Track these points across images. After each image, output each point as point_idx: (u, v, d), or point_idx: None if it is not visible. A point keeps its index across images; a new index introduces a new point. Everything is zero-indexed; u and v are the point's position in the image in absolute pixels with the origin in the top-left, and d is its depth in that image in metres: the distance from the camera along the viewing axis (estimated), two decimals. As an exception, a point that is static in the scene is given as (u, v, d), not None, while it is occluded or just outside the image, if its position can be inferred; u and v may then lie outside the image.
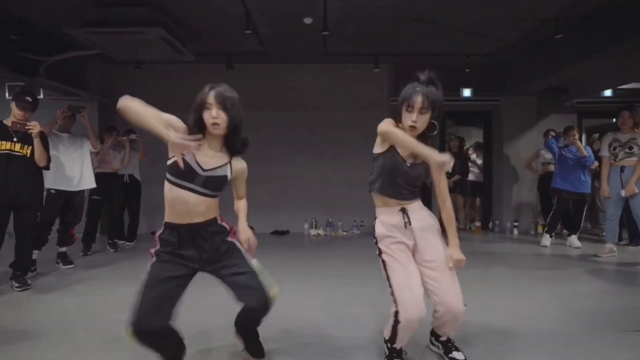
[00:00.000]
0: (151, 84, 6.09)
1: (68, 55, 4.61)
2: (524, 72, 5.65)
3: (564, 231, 5.40)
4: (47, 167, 3.45)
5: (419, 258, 1.85)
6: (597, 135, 6.45)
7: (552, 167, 5.38)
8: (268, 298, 1.70)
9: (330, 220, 6.12)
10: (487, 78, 6.19)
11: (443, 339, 2.03)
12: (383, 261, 1.84)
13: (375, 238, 1.89)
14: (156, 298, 1.61)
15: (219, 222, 1.80)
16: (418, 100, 1.73)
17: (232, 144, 1.79)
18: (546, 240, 5.01)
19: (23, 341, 2.29)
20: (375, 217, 1.93)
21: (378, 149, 1.90)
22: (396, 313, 1.74)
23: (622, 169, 4.09)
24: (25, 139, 3.25)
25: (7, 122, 3.26)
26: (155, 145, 6.48)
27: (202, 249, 1.72)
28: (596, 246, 4.84)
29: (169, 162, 1.71)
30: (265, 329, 1.93)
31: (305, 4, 4.03)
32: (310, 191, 6.22)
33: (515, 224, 6.01)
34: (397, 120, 1.84)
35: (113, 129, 4.92)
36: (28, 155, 3.28)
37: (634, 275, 3.75)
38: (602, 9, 4.05)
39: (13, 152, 3.22)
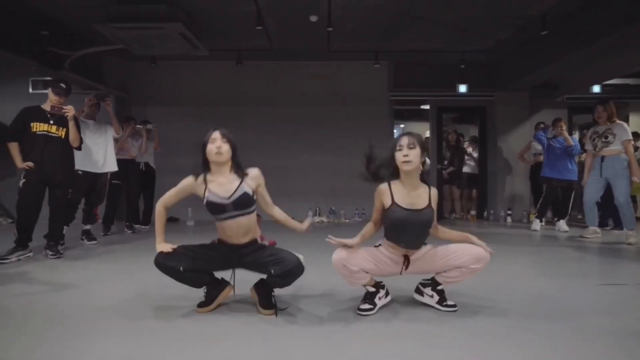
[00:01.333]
0: (164, 79, 6.49)
1: (92, 50, 4.99)
2: (516, 69, 6.00)
3: (555, 219, 5.71)
4: (79, 148, 3.81)
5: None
6: (587, 131, 6.78)
7: (542, 158, 5.70)
8: (300, 261, 2.07)
9: (332, 208, 6.46)
10: (482, 75, 6.55)
11: (440, 287, 2.20)
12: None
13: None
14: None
15: (259, 241, 2.18)
16: (404, 139, 2.04)
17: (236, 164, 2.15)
18: (536, 224, 5.33)
19: (61, 291, 2.63)
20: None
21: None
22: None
23: (602, 158, 4.41)
24: (61, 122, 3.61)
25: (45, 106, 3.62)
26: (169, 136, 6.85)
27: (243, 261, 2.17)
28: (582, 230, 5.15)
29: (204, 202, 2.11)
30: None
31: (311, 2, 4.40)
32: (314, 181, 6.57)
33: (509, 212, 6.34)
34: (393, 169, 2.10)
35: (130, 118, 5.29)
36: (63, 136, 3.63)
37: (615, 251, 4.06)
38: (586, 7, 4.40)
39: (50, 134, 3.58)
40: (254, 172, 2.16)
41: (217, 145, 2.06)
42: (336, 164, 6.54)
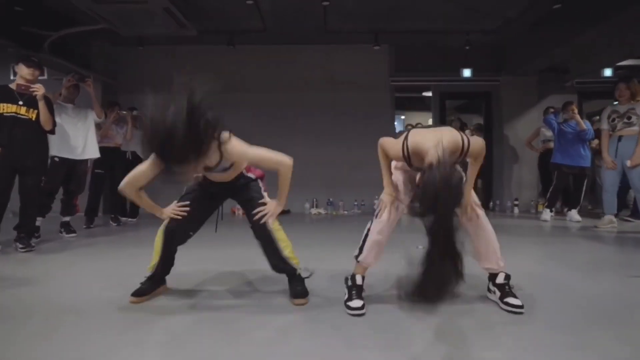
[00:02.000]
0: (154, 64, 6.15)
1: (73, 30, 4.67)
2: (524, 51, 5.68)
3: (565, 209, 5.41)
4: (52, 132, 3.49)
5: None
6: (598, 117, 6.47)
7: (552, 145, 5.40)
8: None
9: (331, 199, 6.16)
10: (487, 58, 6.22)
11: (500, 281, 1.88)
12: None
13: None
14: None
15: (245, 174, 2.07)
16: None
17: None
18: (546, 214, 5.02)
19: (23, 287, 2.33)
20: None
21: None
22: None
23: (620, 138, 4.11)
24: (31, 102, 3.29)
25: (13, 85, 3.31)
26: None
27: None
28: (597, 221, 4.85)
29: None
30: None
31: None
32: (311, 171, 6.23)
33: (516, 202, 6.03)
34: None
35: (115, 103, 4.98)
36: (34, 119, 3.32)
37: (633, 240, 3.76)
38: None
39: (19, 115, 3.26)
40: (233, 149, 1.83)
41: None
42: (334, 153, 6.23)
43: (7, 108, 3.24)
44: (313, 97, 6.25)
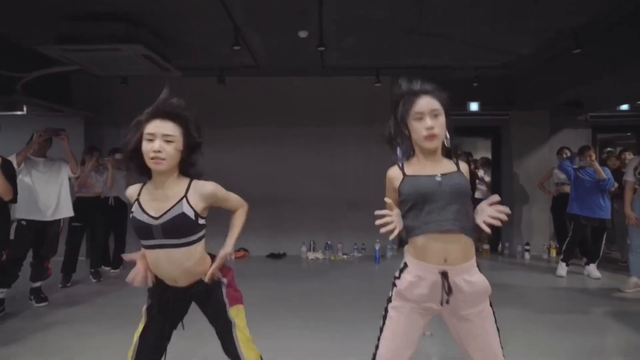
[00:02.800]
0: (138, 98, 5.72)
1: (46, 71, 4.29)
2: (537, 86, 5.28)
3: (583, 260, 5.01)
4: (13, 201, 3.12)
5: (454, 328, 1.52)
6: (613, 149, 6.09)
7: (567, 188, 5.01)
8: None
9: (329, 242, 5.77)
10: (496, 91, 5.83)
11: None
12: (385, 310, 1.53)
13: None
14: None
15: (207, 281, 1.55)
16: (422, 103, 1.45)
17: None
18: (562, 269, 4.63)
19: None
20: None
21: None
22: None
23: None
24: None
25: (-33, 152, 2.94)
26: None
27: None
28: (617, 277, 4.46)
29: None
30: None
31: (300, 17, 3.69)
32: (308, 211, 5.86)
33: (527, 247, 5.64)
34: (403, 142, 1.55)
35: (94, 149, 4.61)
36: (-11, 189, 2.95)
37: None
38: (624, 23, 3.69)
39: (-29, 186, 2.90)
40: (204, 189, 1.53)
41: (155, 148, 1.43)
42: (333, 192, 5.84)
43: (-41, 178, 2.87)
44: (310, 131, 5.86)
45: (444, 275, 1.41)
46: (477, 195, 6.22)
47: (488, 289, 1.48)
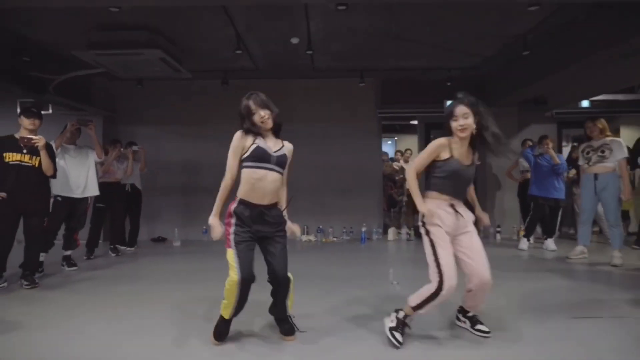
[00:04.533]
0: (152, 99, 6.49)
1: (75, 74, 5.00)
2: (503, 85, 5.97)
3: (544, 237, 5.63)
4: (53, 176, 3.79)
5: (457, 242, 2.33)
6: (577, 144, 6.73)
7: (529, 175, 5.65)
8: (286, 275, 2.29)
9: (320, 226, 6.41)
10: (470, 91, 6.45)
11: (470, 314, 2.47)
12: (431, 240, 2.26)
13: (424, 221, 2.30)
14: (249, 259, 2.23)
15: (281, 209, 2.37)
16: (458, 109, 2.27)
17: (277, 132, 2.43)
18: (523, 244, 5.26)
19: (23, 331, 2.59)
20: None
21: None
22: (440, 282, 2.15)
23: (596, 176, 4.32)
24: (34, 150, 3.59)
25: (18, 136, 3.61)
26: (156, 156, 6.85)
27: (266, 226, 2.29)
28: (571, 251, 5.08)
29: (249, 152, 2.27)
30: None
31: (291, 26, 4.39)
32: (302, 199, 6.48)
33: (498, 229, 6.27)
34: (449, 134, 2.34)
35: (117, 141, 5.28)
36: (36, 165, 3.62)
37: (599, 275, 3.99)
38: (572, 23, 4.32)
39: (23, 163, 3.57)
40: (289, 146, 2.43)
41: (261, 115, 2.28)
42: (324, 181, 6.51)
43: (13, 157, 3.55)
44: (304, 127, 6.53)
45: (452, 205, 2.30)
46: (456, 185, 6.88)
47: (472, 216, 2.39)
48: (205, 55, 5.28)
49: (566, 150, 7.17)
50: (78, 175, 4.37)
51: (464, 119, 2.24)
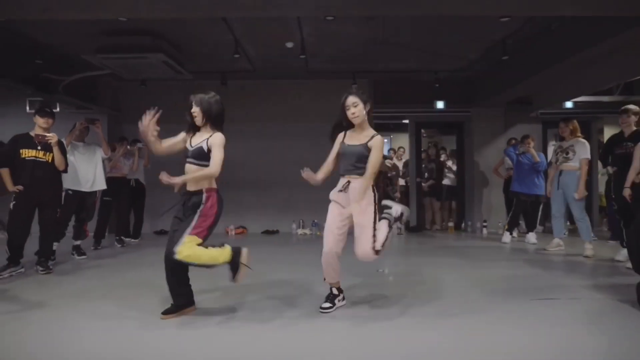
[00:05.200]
0: (154, 99, 6.75)
1: (83, 75, 5.32)
2: (489, 86, 6.27)
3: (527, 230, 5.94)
4: (65, 171, 4.10)
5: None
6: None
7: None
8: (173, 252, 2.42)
9: (315, 220, 6.73)
10: (459, 91, 6.81)
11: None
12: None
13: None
14: None
15: (204, 193, 2.54)
16: (349, 100, 2.69)
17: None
18: (506, 237, 5.57)
19: (40, 310, 2.89)
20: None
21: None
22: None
23: (561, 172, 4.66)
24: (47, 147, 3.90)
25: (32, 133, 3.92)
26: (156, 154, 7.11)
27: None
28: (549, 244, 5.39)
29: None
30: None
31: (286, 32, 4.69)
32: (298, 195, 6.84)
33: (484, 224, 6.58)
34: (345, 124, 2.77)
35: (124, 139, 5.60)
36: (50, 161, 3.92)
37: (569, 264, 4.29)
38: (549, 30, 4.60)
39: (38, 159, 3.88)
40: (215, 136, 2.60)
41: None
42: (319, 178, 6.81)
43: (28, 153, 3.86)
44: (299, 126, 6.86)
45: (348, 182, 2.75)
46: (445, 182, 7.19)
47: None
48: (205, 58, 5.59)
49: (551, 149, 7.46)
50: (87, 171, 4.68)
51: (354, 107, 2.63)
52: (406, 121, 7.60)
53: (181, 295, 2.64)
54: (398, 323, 2.53)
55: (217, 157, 2.55)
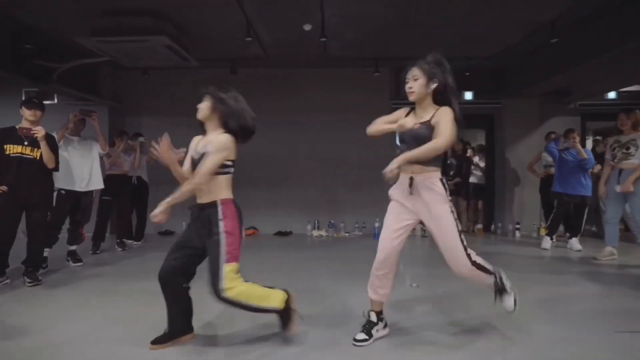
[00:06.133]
0: (158, 89, 6.30)
1: (79, 62, 4.82)
2: (526, 75, 5.67)
3: (567, 235, 5.38)
4: (55, 169, 3.63)
5: None
6: (601, 137, 6.42)
7: (553, 170, 5.37)
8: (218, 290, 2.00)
9: (332, 221, 6.22)
10: (489, 81, 6.22)
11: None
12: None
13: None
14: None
15: (219, 205, 2.07)
16: (410, 72, 2.23)
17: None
18: (546, 242, 5.01)
19: (26, 336, 2.42)
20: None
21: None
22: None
23: (620, 172, 4.10)
24: (35, 142, 3.43)
25: (20, 127, 3.45)
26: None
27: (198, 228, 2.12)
28: (598, 249, 4.82)
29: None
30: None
31: (304, 11, 4.15)
32: (313, 193, 6.33)
33: (517, 226, 6.01)
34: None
35: (124, 133, 5.12)
36: (38, 158, 3.46)
37: (631, 278, 3.74)
38: (604, 11, 4.04)
39: (24, 155, 3.41)
40: (214, 138, 2.11)
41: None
42: (336, 175, 6.30)
43: (13, 149, 3.39)
44: (315, 119, 6.33)
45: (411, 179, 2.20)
46: (472, 180, 6.61)
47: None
48: (213, 43, 5.05)
49: (589, 144, 6.85)
50: (82, 168, 4.21)
51: (413, 80, 2.21)
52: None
53: (178, 320, 2.19)
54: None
55: (206, 164, 2.03)
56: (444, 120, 2.10)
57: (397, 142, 2.25)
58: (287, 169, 6.30)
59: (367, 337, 2.23)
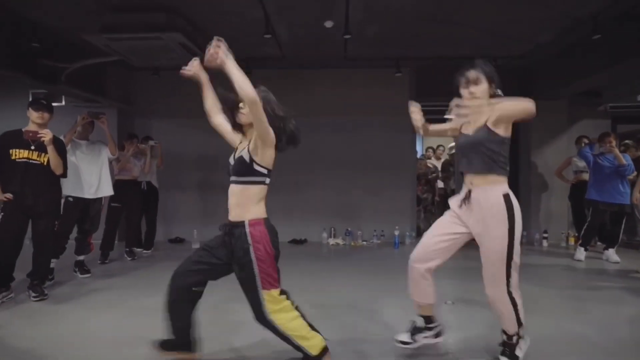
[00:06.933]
0: (168, 90, 6.05)
1: (87, 62, 4.60)
2: (555, 76, 5.37)
3: (598, 244, 5.08)
4: (63, 175, 3.39)
5: None
6: (631, 142, 6.09)
7: (585, 176, 5.08)
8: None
9: (349, 229, 5.94)
10: (514, 82, 5.91)
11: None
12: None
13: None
14: None
15: (247, 227, 1.83)
16: (469, 74, 2.04)
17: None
18: (580, 254, 4.71)
19: (30, 357, 2.20)
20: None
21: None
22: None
23: None
24: (42, 146, 3.19)
25: (26, 129, 3.22)
26: (173, 150, 6.45)
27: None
28: (636, 261, 4.52)
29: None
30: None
31: (327, 6, 3.90)
32: (329, 199, 6.07)
33: (545, 235, 5.71)
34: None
35: (134, 136, 4.88)
36: (45, 163, 3.23)
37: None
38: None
39: (30, 161, 3.18)
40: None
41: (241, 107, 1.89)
42: (353, 180, 6.02)
43: (20, 154, 3.16)
44: (332, 121, 6.06)
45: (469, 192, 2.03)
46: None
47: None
48: (228, 42, 4.77)
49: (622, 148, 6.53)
50: (90, 174, 3.98)
51: (474, 85, 2.03)
52: (450, 117, 6.73)
53: (180, 332, 1.99)
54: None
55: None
56: (506, 101, 1.96)
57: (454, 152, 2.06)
58: (302, 173, 6.03)
59: (409, 342, 2.13)
